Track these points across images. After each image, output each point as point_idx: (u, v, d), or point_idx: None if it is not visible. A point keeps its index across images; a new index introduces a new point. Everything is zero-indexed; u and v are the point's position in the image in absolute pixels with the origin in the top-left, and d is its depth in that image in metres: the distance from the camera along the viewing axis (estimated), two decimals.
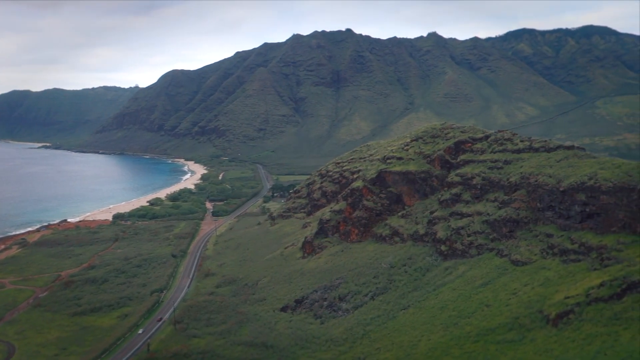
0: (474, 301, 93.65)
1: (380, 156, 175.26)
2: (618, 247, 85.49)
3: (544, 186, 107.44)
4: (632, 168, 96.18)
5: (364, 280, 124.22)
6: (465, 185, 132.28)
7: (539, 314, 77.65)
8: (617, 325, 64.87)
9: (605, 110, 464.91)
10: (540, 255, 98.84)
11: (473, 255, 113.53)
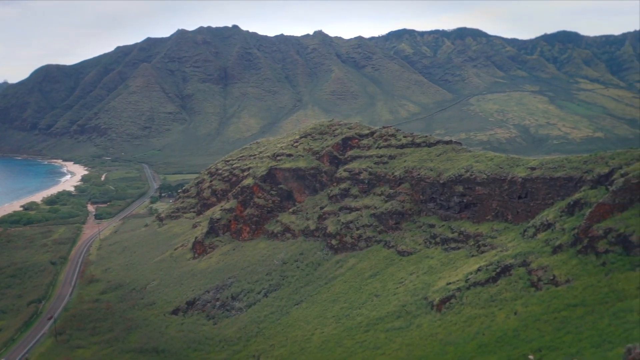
0: (364, 292, 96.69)
1: (270, 153, 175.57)
2: (492, 234, 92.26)
3: (426, 179, 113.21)
4: (502, 161, 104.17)
5: (257, 278, 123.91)
6: (353, 180, 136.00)
7: (424, 300, 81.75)
8: (494, 307, 69.92)
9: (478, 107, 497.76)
10: (424, 245, 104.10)
11: (362, 247, 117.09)
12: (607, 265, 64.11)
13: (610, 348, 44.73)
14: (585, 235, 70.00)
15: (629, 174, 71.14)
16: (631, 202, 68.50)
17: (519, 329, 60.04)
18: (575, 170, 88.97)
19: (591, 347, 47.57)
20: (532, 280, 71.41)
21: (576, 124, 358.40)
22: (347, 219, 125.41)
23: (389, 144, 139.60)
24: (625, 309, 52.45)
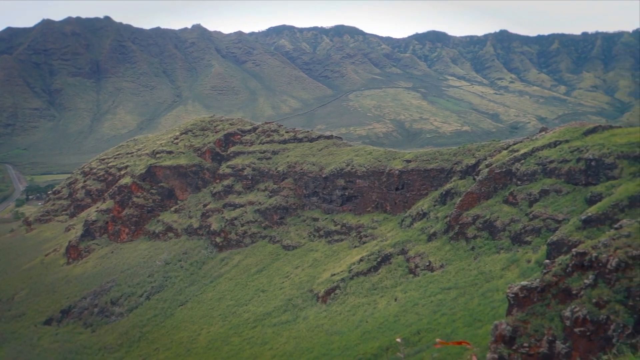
0: (251, 288, 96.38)
1: (149, 151, 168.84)
2: (373, 225, 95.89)
3: (309, 174, 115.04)
4: (381, 154, 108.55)
5: (138, 281, 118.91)
6: (236, 177, 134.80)
7: (310, 293, 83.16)
8: (376, 295, 72.80)
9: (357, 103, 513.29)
10: (309, 239, 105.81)
11: (247, 244, 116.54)
12: (475, 249, 69.14)
13: (480, 326, 48.31)
14: (456, 223, 74.92)
15: (492, 164, 77.15)
16: (495, 190, 74.35)
17: (399, 314, 63.00)
18: (446, 162, 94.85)
19: (464, 326, 51.06)
20: (410, 267, 75.22)
21: (446, 119, 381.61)
22: (231, 215, 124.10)
23: (271, 140, 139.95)
24: (492, 289, 56.88)
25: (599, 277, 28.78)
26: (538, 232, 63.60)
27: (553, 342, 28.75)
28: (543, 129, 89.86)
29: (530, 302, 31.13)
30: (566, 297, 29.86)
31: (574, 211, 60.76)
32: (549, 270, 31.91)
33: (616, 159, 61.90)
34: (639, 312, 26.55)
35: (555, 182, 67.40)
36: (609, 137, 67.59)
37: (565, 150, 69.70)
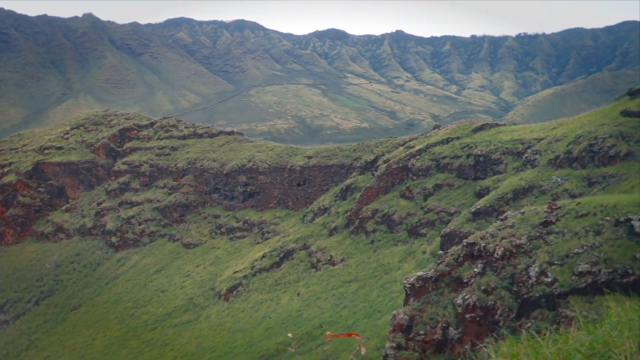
0: (150, 289, 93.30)
1: (37, 146, 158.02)
2: (275, 221, 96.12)
3: (210, 170, 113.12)
4: (282, 150, 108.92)
5: (26, 285, 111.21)
6: (133, 173, 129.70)
7: (212, 291, 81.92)
8: (278, 290, 73.09)
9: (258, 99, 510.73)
10: (210, 236, 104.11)
11: (146, 243, 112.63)
12: (375, 242, 71.35)
13: (380, 316, 49.97)
14: (356, 217, 76.86)
15: (390, 160, 79.91)
16: (392, 185, 77.07)
17: (302, 309, 63.71)
18: (347, 158, 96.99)
19: (364, 317, 52.59)
20: (312, 262, 76.25)
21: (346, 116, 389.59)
22: (128, 214, 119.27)
23: (170, 135, 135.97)
24: (390, 281, 59.01)
25: (487, 265, 30.73)
26: (432, 224, 66.76)
27: (447, 328, 30.35)
28: (436, 126, 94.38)
29: (426, 292, 32.65)
30: (458, 286, 31.62)
31: (464, 204, 64.40)
32: (443, 260, 33.62)
33: (501, 155, 66.33)
34: (522, 297, 28.67)
35: (448, 177, 71.07)
36: (495, 134, 72.28)
37: (457, 147, 73.66)
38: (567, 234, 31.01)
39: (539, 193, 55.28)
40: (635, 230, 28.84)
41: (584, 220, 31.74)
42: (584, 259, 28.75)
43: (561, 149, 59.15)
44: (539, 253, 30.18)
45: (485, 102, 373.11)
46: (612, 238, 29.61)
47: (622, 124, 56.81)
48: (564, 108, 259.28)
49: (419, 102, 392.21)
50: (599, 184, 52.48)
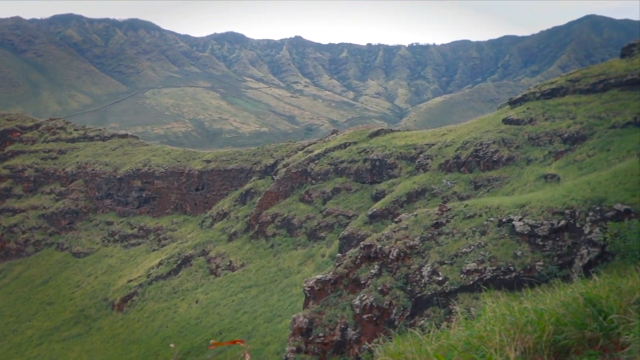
0: (35, 302, 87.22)
1: None
2: (172, 227, 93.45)
3: (102, 175, 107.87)
4: (180, 154, 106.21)
5: None
6: (16, 179, 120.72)
7: (105, 302, 78.12)
8: (176, 298, 71.08)
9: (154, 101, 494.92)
10: (102, 244, 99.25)
11: (30, 253, 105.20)
12: (275, 247, 71.47)
13: (280, 321, 50.09)
14: (256, 222, 76.60)
15: (289, 164, 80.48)
16: (292, 189, 77.65)
17: (200, 316, 62.43)
18: (246, 162, 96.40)
19: (265, 322, 52.47)
20: (211, 268, 74.98)
21: (245, 119, 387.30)
22: (10, 222, 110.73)
23: (58, 138, 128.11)
24: (290, 284, 59.36)
25: (383, 266, 31.79)
26: (331, 227, 68.01)
27: (345, 329, 31.02)
28: (334, 131, 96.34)
29: (325, 294, 33.18)
30: (356, 287, 32.43)
31: (362, 207, 66.22)
32: (341, 263, 34.34)
33: (396, 160, 68.95)
34: (416, 295, 29.94)
35: (346, 181, 72.74)
36: (390, 140, 75.02)
37: (354, 151, 75.62)
38: (456, 234, 32.81)
39: (430, 196, 58.04)
40: (516, 230, 31.09)
41: (471, 221, 33.73)
42: (471, 258, 30.57)
43: (450, 154, 62.50)
44: (431, 253, 31.69)
45: (381, 109, 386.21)
46: (496, 237, 31.73)
47: (503, 130, 61.06)
48: (452, 115, 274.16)
49: (317, 107, 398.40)
50: (484, 187, 56.04)
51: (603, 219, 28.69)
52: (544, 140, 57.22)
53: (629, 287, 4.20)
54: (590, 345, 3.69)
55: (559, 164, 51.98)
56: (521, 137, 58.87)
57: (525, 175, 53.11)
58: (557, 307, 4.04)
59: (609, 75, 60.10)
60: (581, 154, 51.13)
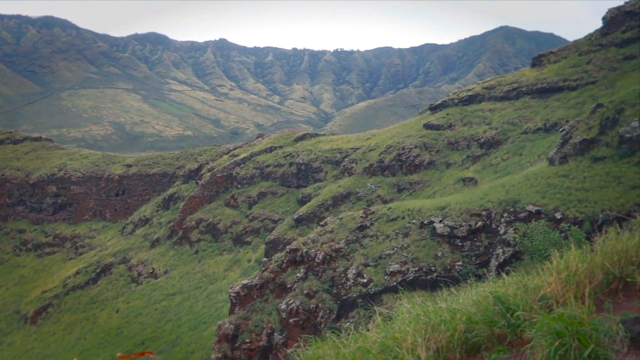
0: None
1: None
2: (90, 234, 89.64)
3: (13, 180, 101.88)
4: (98, 158, 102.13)
5: None
6: None
7: (16, 314, 73.83)
8: (95, 309, 68.22)
9: (71, 102, 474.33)
10: (14, 253, 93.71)
11: None
12: (199, 252, 70.21)
13: (205, 328, 49.22)
14: (179, 227, 74.95)
15: (214, 168, 79.39)
16: (217, 194, 76.63)
17: (121, 326, 60.28)
18: (169, 167, 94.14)
19: (189, 330, 51.38)
20: (133, 276, 72.61)
21: (169, 123, 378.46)
22: None
23: None
24: (216, 291, 58.49)
25: (309, 270, 31.98)
26: (257, 232, 67.61)
27: (272, 334, 30.92)
28: (260, 135, 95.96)
29: (251, 300, 32.95)
30: (282, 291, 32.42)
31: (288, 211, 66.29)
32: (267, 267, 34.23)
33: (321, 163, 69.59)
34: (341, 298, 30.31)
35: (272, 185, 72.60)
36: (316, 144, 75.63)
37: (280, 155, 75.63)
38: (380, 236, 33.53)
39: (355, 199, 58.97)
40: (437, 231, 32.17)
41: (394, 223, 34.58)
42: (395, 260, 31.33)
43: (374, 158, 63.80)
44: (356, 256, 32.20)
45: (306, 113, 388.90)
46: (418, 239, 32.70)
47: (425, 135, 63.06)
48: (376, 120, 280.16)
49: (243, 110, 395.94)
50: (407, 190, 57.60)
51: (517, 219, 30.24)
52: (462, 144, 59.60)
53: (535, 285, 4.46)
54: (499, 341, 3.89)
55: (477, 168, 54.31)
56: (441, 141, 61.02)
57: (445, 178, 55.09)
58: (469, 306, 4.24)
59: (521, 83, 63.49)
60: (496, 158, 53.66)
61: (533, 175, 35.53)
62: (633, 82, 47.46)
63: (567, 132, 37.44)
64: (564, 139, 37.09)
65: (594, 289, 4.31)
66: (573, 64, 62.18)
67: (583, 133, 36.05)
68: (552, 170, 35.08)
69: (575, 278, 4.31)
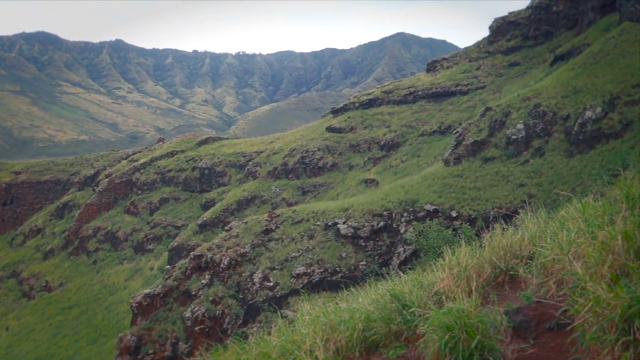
0: None
1: None
2: None
3: None
4: None
5: None
6: None
7: None
8: None
9: None
10: None
11: None
12: (98, 262, 67.00)
13: (105, 341, 47.04)
14: (75, 237, 71.14)
15: (112, 174, 76.09)
16: (116, 201, 73.51)
17: (12, 344, 56.22)
18: (63, 173, 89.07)
19: (88, 344, 48.88)
20: (24, 290, 68.00)
21: (61, 127, 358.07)
22: None
23: None
24: (117, 302, 56.07)
25: (214, 276, 31.50)
26: (159, 239, 65.59)
27: (176, 343, 30.12)
28: (161, 139, 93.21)
29: (154, 309, 31.92)
30: (187, 299, 31.68)
31: (191, 217, 64.86)
32: (170, 275, 33.32)
33: (225, 167, 68.78)
34: (248, 303, 30.11)
35: (174, 190, 70.73)
36: (219, 148, 74.62)
37: (182, 160, 73.87)
38: (286, 239, 33.69)
39: (260, 203, 58.80)
40: (341, 232, 32.82)
41: (299, 226, 34.89)
42: (301, 262, 31.61)
43: (278, 161, 63.98)
44: (261, 260, 32.13)
45: (209, 116, 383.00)
46: (323, 241, 33.19)
47: (327, 138, 64.15)
48: (280, 123, 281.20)
49: (142, 114, 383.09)
50: (311, 193, 58.27)
51: (416, 218, 31.53)
52: (364, 147, 61.26)
53: (429, 281, 4.70)
54: (396, 337, 4.06)
55: (378, 169, 56.01)
56: (343, 144, 62.35)
57: (348, 180, 56.33)
58: (368, 305, 4.38)
59: (418, 88, 66.29)
60: (396, 160, 55.65)
61: (430, 175, 37.23)
62: (517, 87, 51.07)
63: (460, 134, 39.55)
64: (457, 141, 39.14)
65: (482, 283, 4.59)
66: (464, 70, 65.86)
67: (474, 135, 38.24)
68: (447, 170, 36.92)
69: (465, 273, 4.56)
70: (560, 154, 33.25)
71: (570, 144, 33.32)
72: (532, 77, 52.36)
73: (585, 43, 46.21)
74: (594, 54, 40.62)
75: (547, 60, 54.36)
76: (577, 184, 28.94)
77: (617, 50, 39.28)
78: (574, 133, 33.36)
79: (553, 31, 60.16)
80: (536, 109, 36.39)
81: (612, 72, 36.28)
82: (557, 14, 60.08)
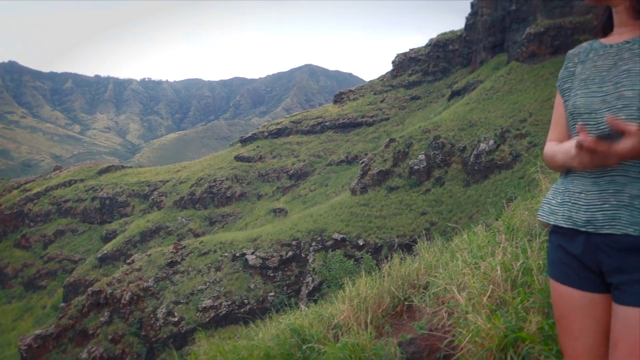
0: None
1: None
2: None
3: None
4: None
5: None
6: None
7: None
8: None
9: None
10: None
11: None
12: None
13: None
14: None
15: (1, 205, 70.98)
16: (5, 234, 68.50)
17: None
18: None
19: None
20: None
21: None
22: None
23: None
24: (3, 344, 51.75)
25: (114, 312, 29.94)
26: (54, 274, 61.59)
27: None
28: (57, 167, 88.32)
29: (46, 351, 29.76)
30: (83, 339, 29.84)
31: (90, 250, 61.56)
32: (65, 313, 31.31)
33: (128, 197, 66.19)
34: (150, 340, 28.82)
35: (71, 222, 66.97)
36: (122, 177, 71.79)
37: (81, 189, 70.28)
38: (192, 272, 32.78)
39: (165, 234, 56.96)
40: (249, 263, 32.43)
41: (206, 257, 34.10)
42: (207, 295, 30.82)
43: (185, 190, 62.52)
44: (166, 294, 30.98)
45: (111, 144, 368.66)
46: (231, 272, 32.60)
47: (236, 167, 63.67)
48: (187, 152, 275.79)
49: (37, 140, 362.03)
50: (219, 223, 57.28)
51: (324, 248, 31.81)
52: (273, 176, 61.35)
53: (329, 314, 4.71)
54: None
55: (286, 199, 56.17)
56: (252, 173, 62.11)
57: (257, 209, 56.01)
58: (268, 341, 4.32)
59: (325, 118, 67.68)
60: (304, 189, 56.13)
61: (338, 204, 37.84)
62: (418, 119, 53.52)
63: (366, 164, 40.67)
64: (363, 171, 40.20)
65: (382, 313, 4.67)
66: (369, 102, 68.16)
67: (379, 165, 39.47)
68: (354, 199, 37.72)
69: (365, 304, 4.62)
70: (458, 184, 35.03)
71: (467, 174, 35.22)
72: (432, 110, 55.14)
73: (478, 80, 49.44)
74: (486, 90, 43.52)
75: (445, 95, 57.51)
76: (474, 212, 30.53)
77: (506, 87, 42.35)
78: (470, 164, 35.31)
79: (450, 68, 63.92)
80: (436, 140, 38.23)
81: (502, 108, 39.00)
82: (453, 52, 63.99)
